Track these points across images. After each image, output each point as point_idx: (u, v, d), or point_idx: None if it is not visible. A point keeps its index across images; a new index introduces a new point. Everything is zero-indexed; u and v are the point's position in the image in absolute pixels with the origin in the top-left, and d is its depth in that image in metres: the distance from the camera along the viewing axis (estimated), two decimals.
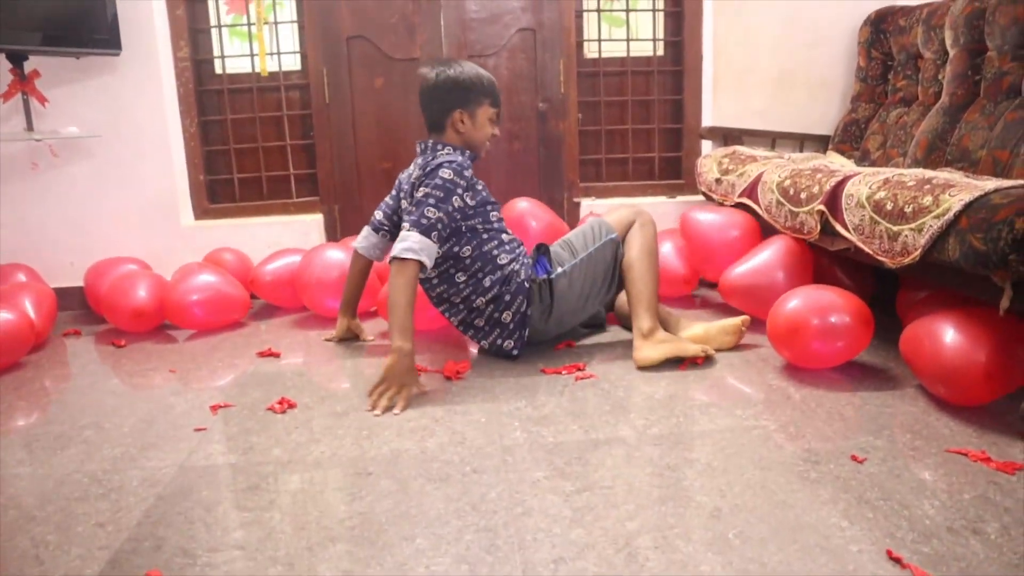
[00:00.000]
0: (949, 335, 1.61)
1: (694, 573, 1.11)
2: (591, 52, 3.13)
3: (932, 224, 1.60)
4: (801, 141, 3.06)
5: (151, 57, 2.81)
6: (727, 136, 3.02)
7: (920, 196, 1.67)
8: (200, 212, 3.03)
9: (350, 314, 2.35)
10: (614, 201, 3.07)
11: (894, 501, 1.28)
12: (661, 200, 3.13)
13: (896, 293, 2.21)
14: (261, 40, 2.91)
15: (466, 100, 2.03)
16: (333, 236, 3.01)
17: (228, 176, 3.08)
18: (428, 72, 2.04)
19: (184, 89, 2.93)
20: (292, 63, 3.04)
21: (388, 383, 1.80)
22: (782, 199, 2.26)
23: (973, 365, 1.55)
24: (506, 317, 2.06)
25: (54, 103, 2.75)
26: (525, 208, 2.67)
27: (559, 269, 2.10)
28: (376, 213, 2.25)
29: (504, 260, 2.05)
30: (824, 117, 3.09)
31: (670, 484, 1.37)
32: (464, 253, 2.02)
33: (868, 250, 1.85)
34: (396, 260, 1.85)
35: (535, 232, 2.56)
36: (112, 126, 2.82)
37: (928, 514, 1.23)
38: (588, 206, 3.07)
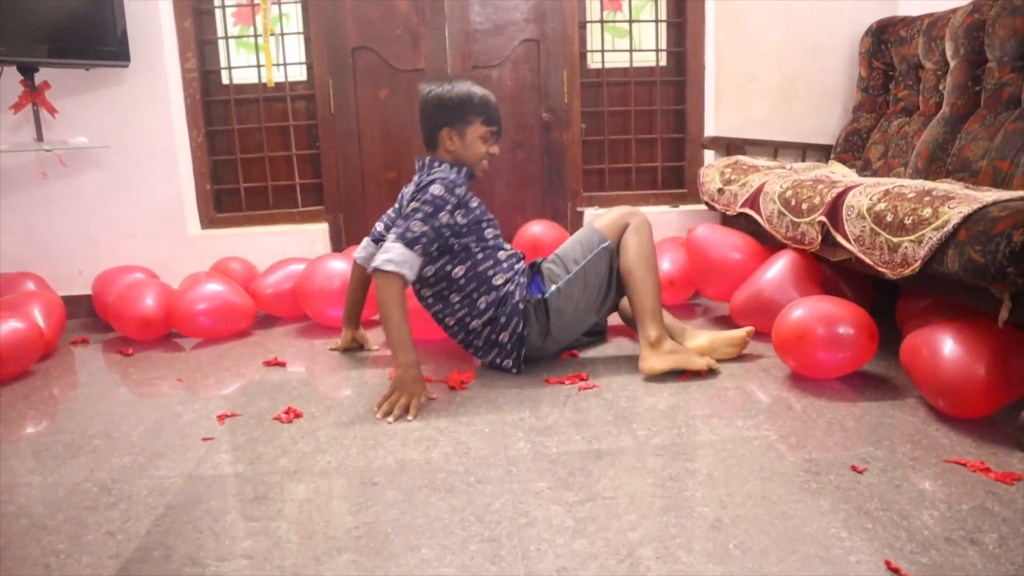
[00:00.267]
0: (948, 346, 1.62)
1: None
2: (594, 63, 3.16)
3: (931, 236, 1.61)
4: (803, 150, 3.08)
5: (159, 68, 2.85)
6: (729, 146, 3.04)
7: (920, 208, 1.68)
8: (207, 221, 3.05)
9: (354, 325, 2.36)
10: None
11: (893, 511, 1.29)
12: (664, 209, 3.15)
13: (896, 302, 2.22)
14: (268, 51, 2.94)
15: (454, 118, 2.04)
16: (338, 245, 3.04)
17: (234, 185, 3.11)
18: (422, 90, 2.07)
19: (191, 100, 2.96)
20: (298, 74, 3.08)
21: (398, 394, 1.83)
22: (784, 210, 2.27)
23: (972, 377, 1.56)
24: (503, 338, 2.06)
25: (63, 114, 2.78)
26: (539, 232, 2.72)
27: (552, 287, 2.07)
28: (377, 224, 2.27)
29: (499, 280, 2.04)
30: (826, 126, 3.11)
31: (672, 494, 1.38)
32: (457, 273, 2.03)
33: (869, 261, 1.86)
34: (378, 272, 1.86)
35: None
36: (120, 136, 2.85)
37: (927, 524, 1.25)
38: (591, 216, 3.09)
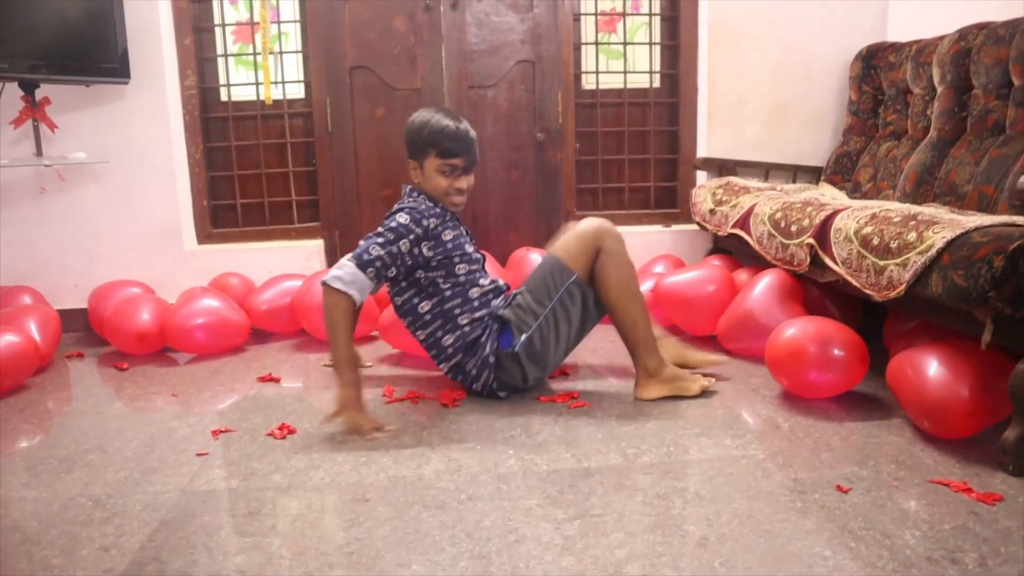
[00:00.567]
0: (933, 368, 1.65)
1: None
2: (589, 84, 3.20)
3: (916, 260, 1.65)
4: (794, 172, 3.12)
5: (159, 85, 2.88)
6: (721, 167, 3.08)
7: (905, 232, 1.72)
8: (203, 237, 3.08)
9: None
10: None
11: (876, 531, 1.31)
12: (657, 229, 3.18)
13: (883, 323, 2.25)
14: (266, 69, 2.97)
15: (413, 151, 2.03)
16: (333, 261, 3.05)
17: (231, 201, 3.14)
18: None
19: (190, 116, 3.00)
20: (296, 92, 3.11)
21: (340, 415, 1.82)
22: (773, 231, 2.31)
23: (956, 399, 1.59)
24: (476, 387, 2.04)
25: (63, 129, 2.81)
26: (535, 260, 2.76)
27: (522, 337, 1.96)
28: None
29: (464, 321, 1.99)
30: (817, 149, 3.15)
31: (659, 512, 1.40)
32: (423, 308, 2.00)
33: (856, 283, 1.90)
34: (326, 287, 1.84)
35: None
36: (119, 152, 2.88)
37: (909, 544, 1.27)
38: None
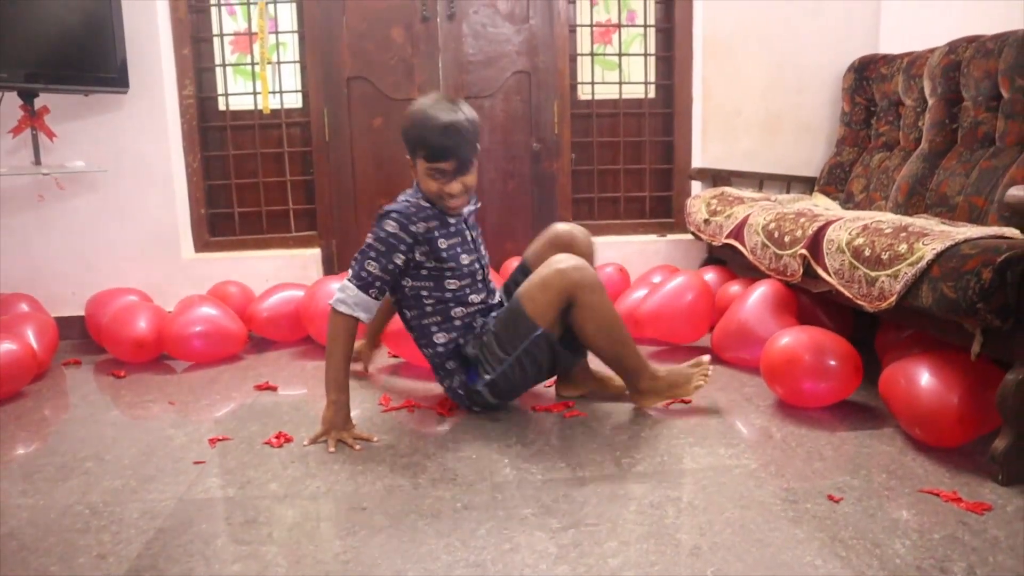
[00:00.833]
0: (924, 378, 1.67)
1: None
2: (584, 94, 3.23)
3: (907, 271, 1.67)
4: (788, 182, 3.15)
5: (157, 94, 2.89)
6: (716, 177, 3.11)
7: (896, 243, 1.74)
8: (200, 245, 3.09)
9: (371, 341, 2.41)
10: (604, 240, 3.13)
11: (867, 540, 1.33)
12: (652, 238, 3.21)
13: (875, 333, 2.27)
14: (264, 79, 2.99)
15: (407, 148, 1.92)
16: (330, 270, 3.08)
17: (229, 210, 3.15)
18: None
19: (188, 125, 3.01)
20: (294, 101, 3.13)
21: (325, 435, 1.84)
22: (767, 242, 2.33)
23: (947, 407, 1.61)
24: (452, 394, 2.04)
25: (61, 137, 2.82)
26: None
27: (487, 378, 1.92)
28: None
29: (441, 339, 1.96)
30: (810, 159, 3.18)
31: (653, 522, 1.42)
32: (407, 314, 1.99)
33: (848, 294, 1.92)
34: (332, 309, 1.85)
35: None
36: (117, 160, 2.89)
37: (899, 553, 1.28)
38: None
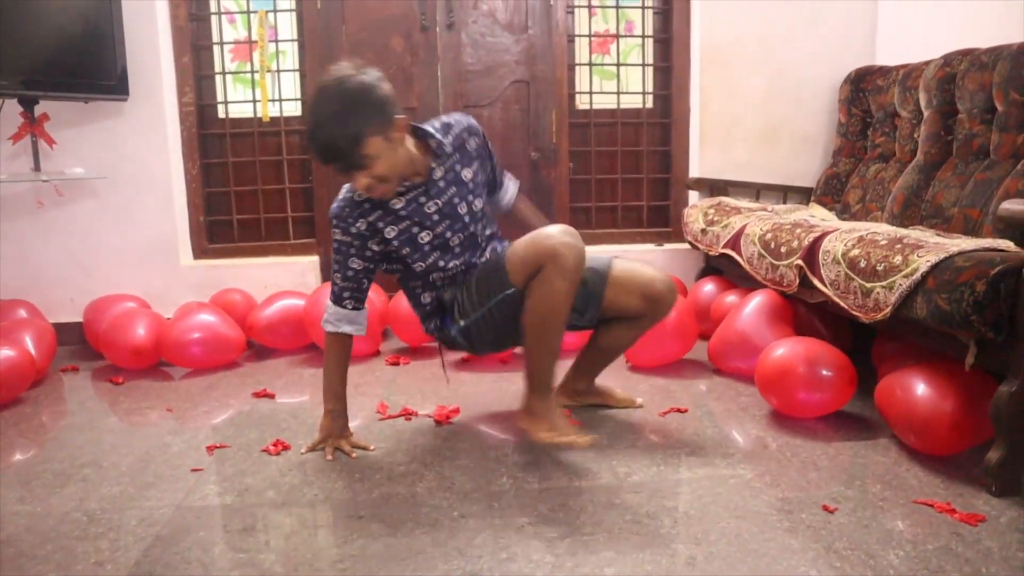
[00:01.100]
0: (920, 388, 1.68)
1: None
2: (582, 104, 3.25)
3: (901, 283, 1.68)
4: (785, 192, 3.17)
5: (157, 102, 2.91)
6: (713, 187, 3.12)
7: (891, 255, 1.75)
8: (199, 252, 3.10)
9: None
10: (601, 249, 3.13)
11: (861, 551, 1.34)
12: (649, 248, 3.22)
13: (872, 344, 2.29)
14: (264, 87, 3.01)
15: None
16: (328, 277, 3.08)
17: (227, 217, 3.16)
18: None
19: (187, 133, 3.02)
20: (293, 109, 3.14)
21: (323, 443, 1.84)
22: (763, 252, 2.34)
23: (941, 417, 1.62)
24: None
25: (61, 144, 2.83)
26: None
27: (461, 323, 1.85)
28: None
29: (426, 300, 1.91)
30: (807, 170, 3.20)
31: (648, 531, 1.42)
32: (397, 281, 1.96)
33: (843, 305, 1.93)
34: (325, 330, 1.85)
35: None
36: (117, 167, 2.90)
37: (892, 564, 1.29)
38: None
